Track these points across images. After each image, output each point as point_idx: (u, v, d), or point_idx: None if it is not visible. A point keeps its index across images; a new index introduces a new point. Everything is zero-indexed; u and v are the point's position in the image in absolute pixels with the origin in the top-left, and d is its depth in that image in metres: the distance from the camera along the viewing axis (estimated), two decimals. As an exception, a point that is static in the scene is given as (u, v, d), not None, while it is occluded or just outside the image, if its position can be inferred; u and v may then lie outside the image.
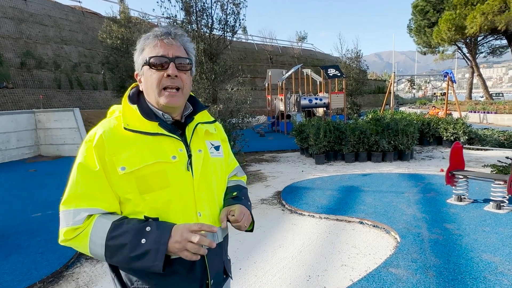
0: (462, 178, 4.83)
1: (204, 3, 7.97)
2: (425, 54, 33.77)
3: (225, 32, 8.26)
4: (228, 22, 8.23)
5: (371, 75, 60.94)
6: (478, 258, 3.22)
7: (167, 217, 1.05)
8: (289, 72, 16.21)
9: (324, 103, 16.10)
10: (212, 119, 1.29)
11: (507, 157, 4.71)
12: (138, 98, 1.16)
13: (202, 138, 1.21)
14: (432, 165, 7.64)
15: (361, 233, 4.09)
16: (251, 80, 31.81)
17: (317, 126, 8.23)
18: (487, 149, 9.11)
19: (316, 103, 16.14)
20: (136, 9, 30.88)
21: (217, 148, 1.26)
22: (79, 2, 22.75)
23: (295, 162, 8.63)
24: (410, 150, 8.26)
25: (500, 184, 4.44)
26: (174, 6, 8.03)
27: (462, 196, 4.87)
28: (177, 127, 1.17)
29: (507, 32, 24.30)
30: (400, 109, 23.58)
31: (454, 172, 4.87)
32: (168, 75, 1.09)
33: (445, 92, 17.34)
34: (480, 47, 31.21)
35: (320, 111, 17.11)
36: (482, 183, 5.45)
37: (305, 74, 18.38)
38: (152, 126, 1.09)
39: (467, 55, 30.78)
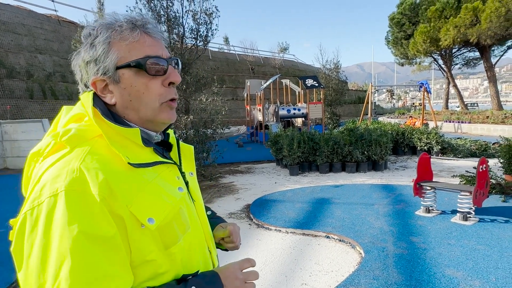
0: (429, 189, 4.78)
1: (175, 13, 7.86)
2: (403, 65, 34.59)
3: (197, 42, 8.14)
4: (200, 32, 8.13)
5: (352, 86, 62.07)
6: (441, 274, 3.12)
7: (192, 264, 0.82)
8: (268, 82, 16.21)
9: (303, 113, 16.13)
10: (172, 130, 1.00)
11: (474, 167, 4.70)
12: (113, 116, 0.79)
13: (189, 158, 0.99)
14: (405, 175, 7.63)
15: (326, 248, 3.95)
16: (233, 91, 31.79)
17: (291, 137, 8.15)
18: (459, 159, 9.21)
19: (294, 113, 16.16)
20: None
21: None
22: (55, 11, 22.31)
23: (269, 174, 8.50)
24: (384, 160, 8.26)
25: (466, 195, 4.41)
26: (145, 15, 7.90)
27: (430, 208, 4.83)
28: (165, 149, 0.91)
29: (479, 44, 25.15)
30: (378, 118, 23.95)
31: (421, 184, 4.82)
32: (171, 83, 0.83)
33: (424, 103, 17.67)
34: (454, 59, 32.18)
35: (299, 121, 17.14)
36: (451, 194, 5.44)
37: (284, 84, 18.44)
38: (148, 154, 0.80)
39: (443, 66, 31.66)
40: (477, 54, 29.33)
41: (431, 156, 9.29)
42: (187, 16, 7.92)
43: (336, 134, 8.36)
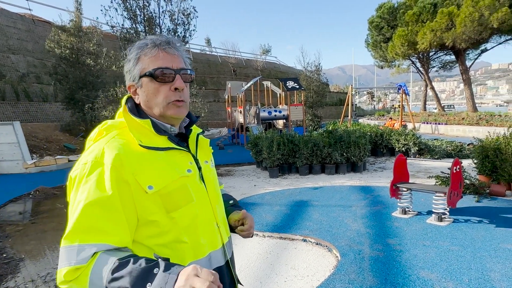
0: (406, 191, 4.81)
1: (151, 13, 7.69)
2: (382, 68, 35.23)
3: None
4: (178, 33, 7.99)
5: (334, 88, 62.81)
6: (416, 276, 3.11)
7: (196, 233, 1.02)
8: (248, 84, 16.15)
9: (284, 115, 16.14)
10: (200, 130, 1.25)
11: (448, 168, 4.77)
12: (138, 111, 1.06)
13: (206, 149, 1.22)
14: (384, 176, 7.70)
15: (302, 252, 3.90)
16: (214, 92, 31.59)
17: (270, 139, 8.09)
18: (435, 160, 9.38)
19: (275, 115, 16.15)
20: (89, 18, 29.76)
21: (211, 160, 1.26)
22: (29, 10, 21.61)
23: (249, 176, 8.42)
24: (362, 161, 8.31)
25: (440, 196, 4.45)
26: (121, 15, 7.68)
27: (407, 209, 4.85)
28: (181, 139, 1.13)
29: (455, 48, 25.88)
30: (359, 120, 24.27)
31: (398, 185, 4.85)
32: (176, 88, 1.04)
33: (403, 104, 18.01)
34: (432, 62, 33.02)
35: (280, 123, 17.14)
36: (427, 194, 5.49)
37: (265, 86, 18.42)
38: (162, 141, 1.04)
39: (420, 69, 32.43)
40: (453, 57, 30.19)
41: (409, 157, 9.43)
42: (164, 16, 7.76)
43: (316, 136, 8.36)
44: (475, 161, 6.46)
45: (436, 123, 19.55)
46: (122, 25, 7.70)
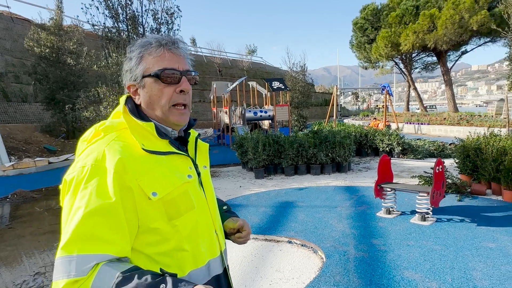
0: (390, 191, 4.84)
1: (134, 12, 7.54)
2: (366, 68, 35.68)
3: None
4: (161, 32, 7.86)
5: (319, 88, 63.25)
6: (400, 276, 3.12)
7: (197, 240, 0.99)
8: (234, 85, 16.07)
9: (269, 115, 16.13)
10: (197, 133, 1.21)
11: (431, 168, 4.83)
12: (139, 113, 1.01)
13: (205, 154, 1.19)
14: (368, 176, 7.76)
15: (288, 254, 3.87)
16: (200, 93, 31.37)
17: (256, 140, 8.05)
18: (419, 160, 9.52)
19: (261, 116, 16.12)
20: (71, 16, 29.12)
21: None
22: (8, 7, 20.97)
23: (235, 177, 8.35)
24: (347, 162, 8.36)
25: (424, 196, 4.50)
26: (103, 13, 7.51)
27: (391, 209, 4.89)
28: (180, 143, 1.09)
29: (436, 49, 26.43)
30: (344, 120, 24.50)
31: (382, 185, 4.87)
32: (181, 91, 1.00)
33: (386, 105, 18.26)
34: (414, 63, 33.65)
35: (266, 123, 17.13)
36: (410, 194, 5.55)
37: (250, 86, 18.38)
38: (164, 145, 1.00)
39: (404, 70, 32.99)
40: (435, 58, 30.84)
41: (393, 158, 9.54)
42: (147, 15, 7.62)
43: (301, 137, 8.36)
44: (457, 161, 6.57)
45: (418, 123, 19.90)
46: (104, 24, 7.53)
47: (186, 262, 0.95)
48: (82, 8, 7.36)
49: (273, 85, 15.72)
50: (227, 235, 1.23)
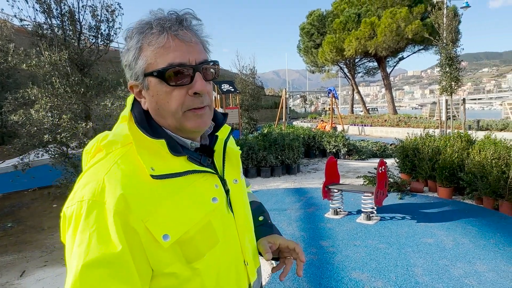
0: (337, 192, 4.94)
1: (70, 7, 6.98)
2: (313, 72, 36.95)
3: (97, 40, 7.36)
4: (102, 30, 7.37)
5: (269, 91, 64.25)
6: (348, 278, 3.15)
7: (219, 281, 0.78)
8: (183, 87, 15.67)
9: (220, 118, 15.97)
10: (229, 128, 0.93)
11: (375, 168, 5.03)
12: (149, 123, 0.78)
13: (235, 163, 0.92)
14: (317, 177, 7.92)
15: (237, 261, 3.76)
16: (147, 95, 30.29)
17: (205, 143, 7.86)
18: (363, 160, 9.96)
19: (211, 119, 15.91)
20: None
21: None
22: None
23: (183, 182, 8.08)
24: (296, 163, 8.48)
25: (368, 196, 4.64)
26: (32, 7, 6.84)
27: (338, 209, 4.99)
28: (203, 153, 0.84)
29: (377, 55, 28.12)
30: (293, 123, 25.07)
31: (329, 187, 4.96)
32: (195, 93, 0.75)
33: (333, 107, 18.95)
34: (357, 68, 35.55)
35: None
36: (356, 194, 5.73)
37: (200, 89, 18.06)
38: (180, 163, 0.77)
39: (348, 74, 34.68)
40: (376, 64, 32.81)
41: (339, 159, 9.87)
42: (85, 11, 7.10)
43: (251, 139, 8.33)
44: (397, 161, 6.94)
45: (362, 125, 20.96)
46: (34, 19, 6.87)
47: None
48: (7, 0, 6.66)
49: (222, 87, 15.58)
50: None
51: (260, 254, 0.95)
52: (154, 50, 0.73)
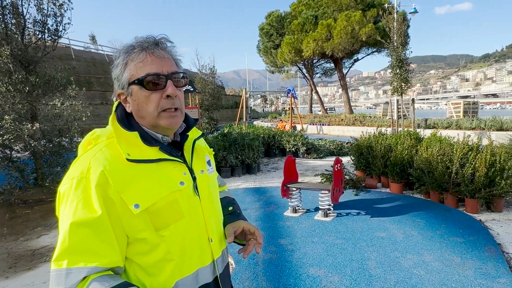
0: (295, 190, 5.02)
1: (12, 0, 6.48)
2: (273, 72, 37.36)
3: (44, 36, 6.90)
4: (48, 25, 6.92)
5: (230, 91, 64.05)
6: (306, 274, 3.21)
7: (184, 250, 0.97)
8: (140, 86, 15.19)
9: (179, 118, 15.68)
10: (200, 132, 1.16)
11: (331, 166, 5.18)
12: (128, 121, 0.99)
13: (202, 157, 1.14)
14: (276, 176, 8.01)
15: (196, 264, 3.69)
16: (102, 94, 28.92)
17: (163, 144, 7.65)
18: (321, 159, 10.23)
19: (170, 119, 15.57)
20: None
21: (209, 163, 1.18)
22: None
23: (141, 185, 7.81)
24: (257, 163, 8.52)
25: (325, 193, 4.76)
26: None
27: (297, 207, 5.07)
28: (174, 148, 1.05)
29: (333, 57, 29.03)
30: (253, 122, 25.18)
31: (288, 185, 5.03)
32: (168, 96, 0.96)
33: (292, 107, 19.27)
34: (315, 69, 36.47)
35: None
36: (314, 192, 5.86)
37: (158, 88, 17.58)
38: (153, 152, 0.97)
39: (306, 75, 35.46)
40: (333, 65, 33.86)
41: (298, 158, 10.06)
42: (29, 4, 6.64)
43: (211, 140, 8.24)
44: (353, 158, 7.20)
45: (320, 124, 21.53)
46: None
47: (173, 272, 0.95)
48: None
49: (181, 87, 15.28)
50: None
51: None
52: (136, 65, 0.95)
